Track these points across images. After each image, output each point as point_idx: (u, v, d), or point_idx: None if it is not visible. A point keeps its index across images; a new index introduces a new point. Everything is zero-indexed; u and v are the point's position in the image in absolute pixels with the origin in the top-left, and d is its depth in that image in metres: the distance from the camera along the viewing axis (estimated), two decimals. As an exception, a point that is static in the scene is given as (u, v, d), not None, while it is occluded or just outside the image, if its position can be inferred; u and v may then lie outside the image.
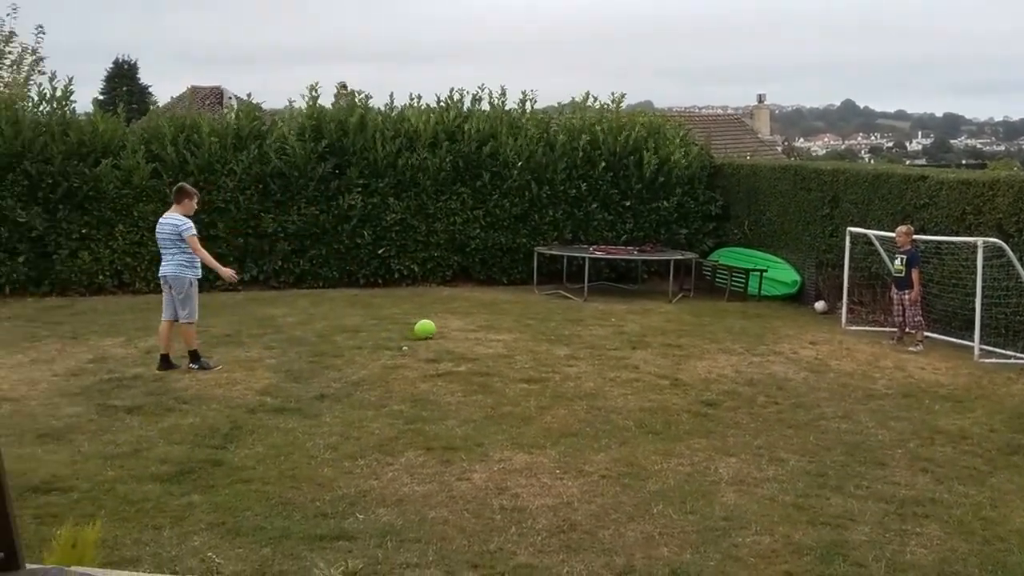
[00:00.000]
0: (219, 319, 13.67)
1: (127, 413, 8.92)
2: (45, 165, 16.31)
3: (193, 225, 10.62)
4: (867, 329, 14.28)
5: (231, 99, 28.13)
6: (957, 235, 13.28)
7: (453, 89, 18.91)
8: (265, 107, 18.89)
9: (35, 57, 20.40)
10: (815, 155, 65.47)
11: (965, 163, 57.02)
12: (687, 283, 17.79)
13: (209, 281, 16.81)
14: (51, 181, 16.35)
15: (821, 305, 16.03)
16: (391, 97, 18.85)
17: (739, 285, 17.24)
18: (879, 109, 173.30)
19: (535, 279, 17.77)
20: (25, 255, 16.33)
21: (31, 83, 19.86)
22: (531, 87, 20.18)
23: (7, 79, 20.09)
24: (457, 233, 18.04)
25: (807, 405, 9.75)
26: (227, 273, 10.98)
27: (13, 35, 20.05)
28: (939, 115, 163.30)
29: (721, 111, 52.57)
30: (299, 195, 17.32)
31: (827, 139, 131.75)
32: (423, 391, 9.84)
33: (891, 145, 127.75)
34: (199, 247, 10.57)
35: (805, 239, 16.84)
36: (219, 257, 16.68)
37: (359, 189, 17.48)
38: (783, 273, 17.09)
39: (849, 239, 14.63)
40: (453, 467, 7.60)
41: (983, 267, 12.19)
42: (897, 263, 13.23)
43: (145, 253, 16.62)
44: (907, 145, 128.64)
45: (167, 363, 10.60)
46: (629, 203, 18.76)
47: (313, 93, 18.15)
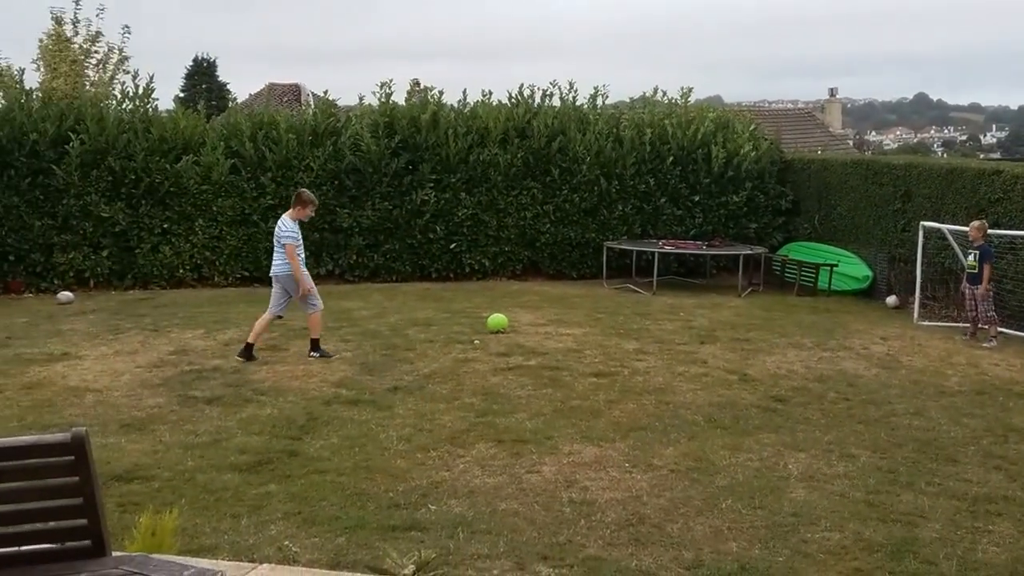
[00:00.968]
0: (296, 312, 13.60)
1: (207, 404, 9.16)
2: (128, 161, 16.73)
3: (297, 233, 10.84)
4: (939, 325, 14.10)
5: (308, 96, 28.49)
6: (1034, 230, 13.05)
7: (523, 85, 19.05)
8: (340, 104, 19.14)
9: (120, 56, 20.96)
10: (887, 149, 64.31)
11: (1042, 157, 55.48)
12: (756, 278, 17.69)
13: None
14: (134, 177, 16.78)
15: (893, 300, 15.85)
16: (464, 93, 19.03)
17: (809, 280, 17.10)
18: (952, 102, 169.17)
19: (604, 273, 17.79)
20: (109, 249, 16.80)
21: (116, 82, 20.39)
22: (603, 82, 20.09)
23: (93, 78, 20.67)
24: (527, 228, 18.15)
25: (878, 401, 9.68)
26: (304, 288, 10.96)
27: (100, 35, 20.63)
28: (1014, 108, 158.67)
29: (791, 105, 51.97)
30: (373, 190, 17.55)
31: (899, 133, 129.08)
32: (494, 384, 9.94)
33: (965, 139, 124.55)
34: (292, 256, 10.74)
35: (876, 234, 16.65)
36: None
37: (431, 184, 17.66)
38: (854, 268, 16.91)
39: (922, 234, 14.44)
40: (523, 460, 7.68)
41: (1060, 262, 11.96)
42: (970, 259, 13.04)
43: (224, 247, 17.10)
44: (981, 138, 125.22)
45: (248, 354, 10.87)
46: (698, 198, 18.70)
47: (386, 90, 18.39)
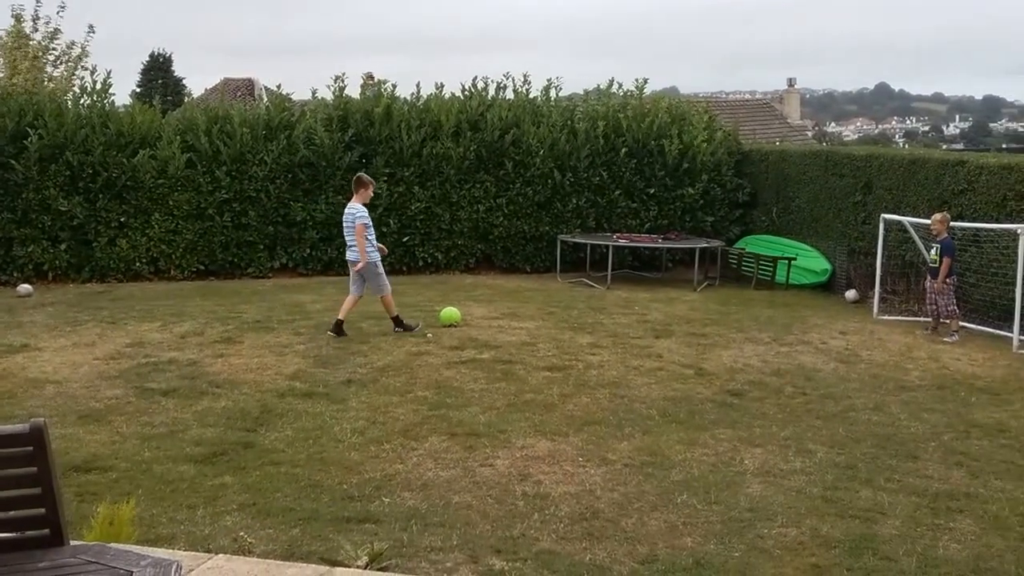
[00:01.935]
0: (251, 305, 13.99)
1: (163, 396, 9.15)
2: (86, 156, 16.72)
3: (367, 214, 11.74)
4: (900, 319, 14.01)
5: (262, 90, 28.34)
6: (997, 222, 12.95)
7: (477, 78, 18.91)
8: (295, 98, 19.08)
9: (79, 52, 20.95)
10: (847, 140, 64.77)
11: (1005, 147, 56.00)
12: (713, 271, 17.59)
13: (240, 269, 17.13)
14: (91, 171, 16.76)
15: (852, 294, 15.75)
16: (418, 87, 18.95)
17: (767, 273, 16.99)
18: (915, 92, 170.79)
19: (558, 267, 17.68)
20: (66, 243, 16.83)
21: (75, 78, 20.35)
22: (557, 75, 20.03)
23: (53, 73, 20.56)
24: (480, 221, 18.02)
25: (836, 396, 9.56)
26: (362, 263, 11.65)
27: (59, 32, 20.63)
28: (978, 98, 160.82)
29: (749, 96, 52.13)
30: (327, 184, 17.48)
31: (860, 123, 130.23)
32: (447, 378, 9.87)
33: (927, 129, 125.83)
34: (360, 234, 11.55)
35: (836, 226, 16.56)
36: (251, 245, 17.28)
37: (385, 178, 17.50)
38: (813, 261, 16.82)
39: (883, 226, 14.32)
40: (477, 453, 7.64)
41: (1024, 256, 11.86)
42: (933, 252, 12.94)
43: (180, 241, 17.10)
44: (944, 129, 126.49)
45: (339, 329, 11.65)
46: (653, 190, 18.58)
47: (340, 84, 18.29)
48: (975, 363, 11.20)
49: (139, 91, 33.94)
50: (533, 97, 18.96)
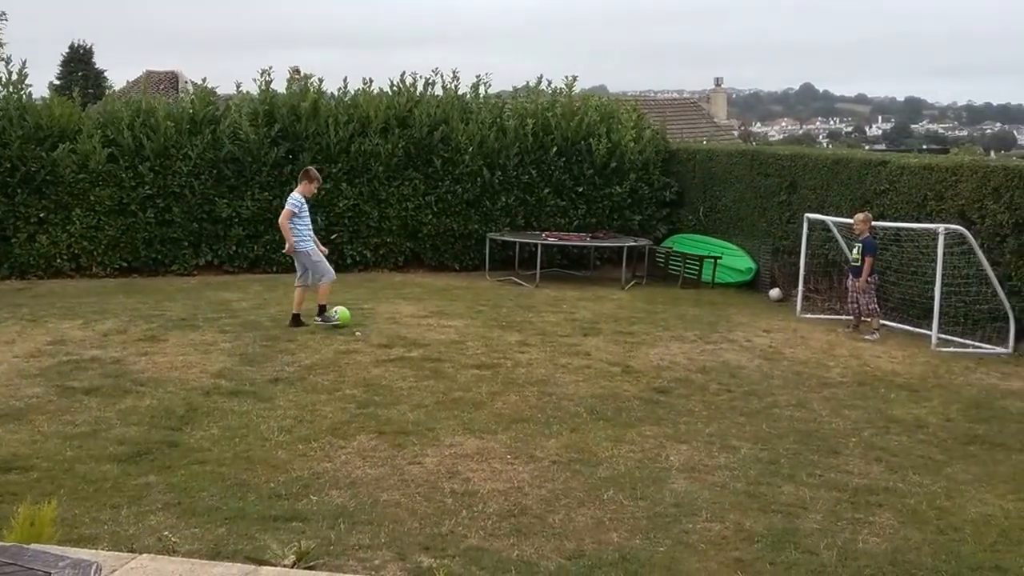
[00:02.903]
0: (175, 303, 13.73)
1: (85, 394, 8.94)
2: (3, 149, 16.22)
3: (302, 202, 11.84)
4: (822, 317, 14.28)
5: (186, 83, 27.85)
6: (918, 221, 13.26)
7: (405, 73, 18.78)
8: (221, 92, 18.69)
9: None
10: (772, 140, 65.79)
11: (926, 148, 57.31)
12: (640, 270, 17.73)
13: (164, 266, 16.83)
14: (9, 166, 16.24)
15: (776, 293, 16.01)
16: (345, 81, 18.68)
17: (693, 272, 17.18)
18: (838, 93, 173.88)
19: (487, 265, 17.66)
20: None
21: None
22: (488, 71, 20.00)
23: None
24: (409, 219, 17.92)
25: (760, 393, 9.70)
26: (289, 245, 11.92)
27: None
28: (900, 99, 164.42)
29: (677, 95, 52.66)
30: (253, 180, 17.21)
31: (785, 123, 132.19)
32: (375, 376, 9.81)
33: (850, 130, 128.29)
34: (284, 221, 11.77)
35: (761, 226, 16.81)
36: (175, 242, 16.97)
37: (312, 174, 17.28)
38: (738, 260, 17.06)
39: (806, 226, 14.56)
40: (405, 451, 7.61)
41: (943, 254, 12.16)
42: (855, 251, 13.20)
43: (102, 237, 16.70)
44: (867, 130, 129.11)
45: (296, 321, 11.90)
46: (581, 189, 18.67)
47: (266, 78, 17.98)
48: (895, 360, 11.45)
49: (58, 83, 33.18)
50: (462, 94, 18.89)
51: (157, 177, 16.76)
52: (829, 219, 14.38)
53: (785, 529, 6.27)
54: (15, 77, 17.09)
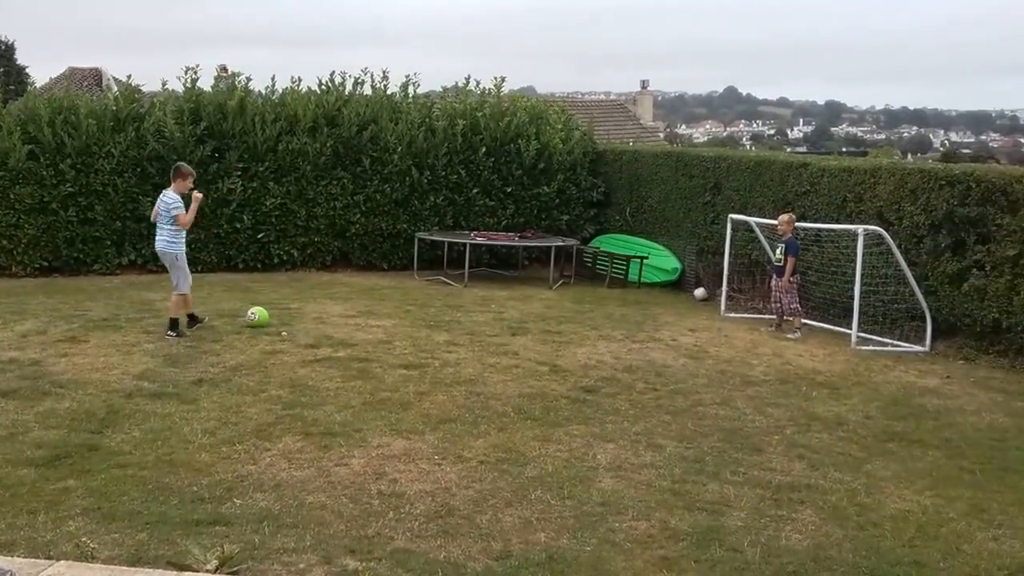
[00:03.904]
0: (97, 303, 13.41)
1: (2, 397, 8.71)
2: None
3: (182, 204, 11.44)
4: (746, 316, 14.50)
5: (110, 80, 27.28)
6: (838, 222, 13.55)
7: (335, 72, 18.64)
8: (146, 90, 18.31)
9: None
10: (697, 142, 66.64)
11: (846, 151, 58.72)
12: (568, 270, 17.82)
13: (86, 265, 16.45)
14: (-74, 162, 15.72)
15: (701, 292, 16.21)
16: (273, 80, 18.49)
17: (620, 272, 17.32)
18: (761, 96, 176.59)
19: (416, 265, 17.60)
20: None
21: None
22: (417, 71, 19.97)
23: None
24: (337, 218, 17.77)
25: (685, 392, 9.81)
26: (197, 199, 11.70)
27: None
28: (821, 103, 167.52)
29: (604, 97, 52.95)
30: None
31: (709, 126, 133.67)
32: (301, 376, 9.70)
33: (773, 132, 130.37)
34: (189, 217, 11.48)
35: (686, 226, 17.01)
36: (97, 241, 16.59)
37: (238, 173, 17.10)
38: (664, 260, 17.23)
39: (730, 226, 14.78)
40: (331, 453, 7.55)
41: (863, 255, 12.43)
42: (778, 252, 13.42)
43: (22, 236, 16.26)
44: (788, 132, 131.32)
45: (193, 320, 11.63)
46: (510, 189, 18.69)
47: (192, 75, 17.69)
48: (816, 359, 11.67)
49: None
50: (392, 93, 18.80)
51: (79, 175, 16.38)
52: (752, 220, 14.60)
53: (710, 527, 6.35)
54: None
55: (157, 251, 11.70)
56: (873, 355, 12.07)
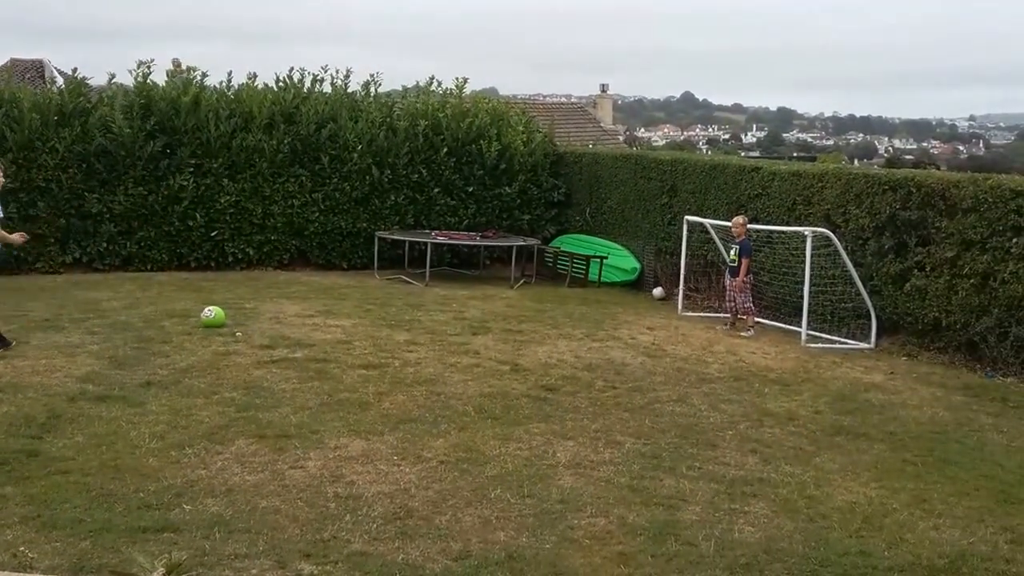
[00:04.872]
0: (38, 303, 13.05)
1: None
2: None
3: None
4: (702, 315, 14.66)
5: (53, 73, 26.78)
6: (788, 225, 13.79)
7: (292, 69, 18.50)
8: (94, 83, 18.02)
9: None
10: (655, 145, 67.04)
11: (796, 156, 59.45)
12: (529, 269, 17.89)
13: (28, 263, 16.15)
14: None
15: (659, 292, 16.37)
16: (229, 76, 18.23)
17: (580, 272, 17.43)
18: (717, 102, 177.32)
19: (376, 264, 17.55)
20: None
21: None
22: (378, 70, 19.92)
23: None
24: (295, 216, 17.66)
25: (643, 389, 9.91)
26: (17, 239, 10.72)
27: None
28: (773, 109, 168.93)
29: (565, 99, 53.02)
30: (126, 174, 16.62)
31: (667, 130, 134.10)
32: (256, 378, 9.57)
33: (727, 137, 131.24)
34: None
35: (644, 227, 17.16)
36: (40, 238, 16.05)
37: (191, 170, 16.90)
38: (623, 260, 17.36)
39: (686, 227, 14.96)
40: (286, 455, 7.44)
41: (811, 256, 12.68)
42: (732, 253, 13.59)
43: None
44: (742, 137, 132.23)
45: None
46: (472, 189, 18.73)
47: (144, 70, 17.38)
48: (768, 356, 11.86)
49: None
50: (352, 92, 18.75)
51: (20, 171, 15.91)
52: (707, 221, 14.79)
53: (666, 521, 6.43)
54: None
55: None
56: (822, 352, 12.31)
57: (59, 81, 18.39)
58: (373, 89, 19.10)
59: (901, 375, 11.24)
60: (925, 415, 9.52)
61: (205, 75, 17.84)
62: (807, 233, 12.80)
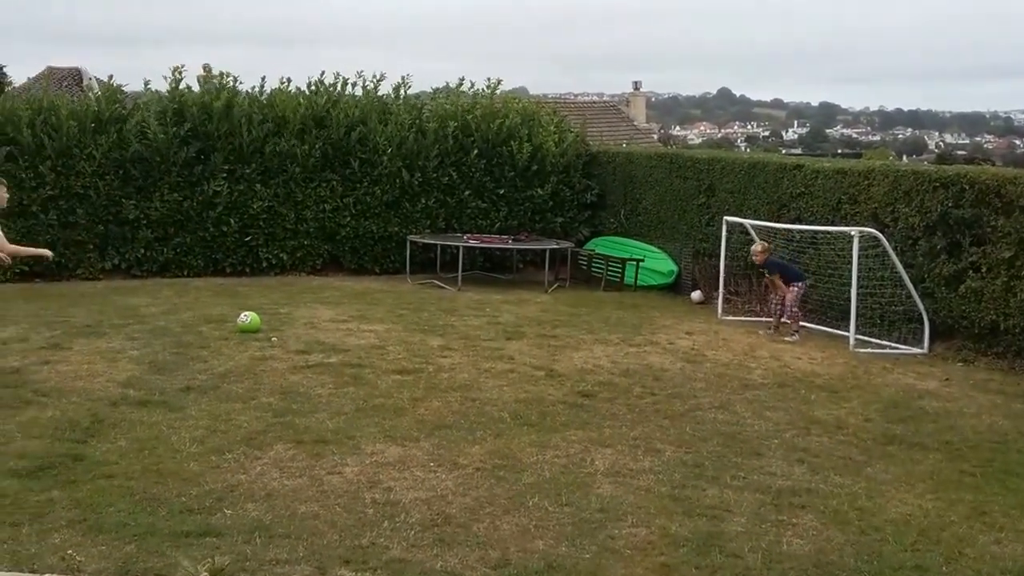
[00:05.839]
0: (79, 309, 13.23)
1: None
2: None
3: None
4: (743, 319, 14.41)
5: (91, 80, 27.01)
6: (833, 224, 13.48)
7: (324, 72, 18.49)
8: (129, 90, 18.15)
9: None
10: (691, 144, 66.67)
11: (840, 152, 58.72)
12: (563, 273, 17.70)
13: (68, 270, 16.26)
14: (-99, 164, 15.46)
15: (697, 295, 16.12)
16: (262, 80, 18.26)
17: (615, 275, 17.22)
18: (755, 98, 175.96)
19: (408, 268, 17.43)
20: None
21: None
22: (408, 72, 19.86)
23: None
24: (327, 221, 17.63)
25: (683, 396, 9.72)
26: (43, 253, 10.69)
27: None
28: (815, 104, 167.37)
29: (597, 98, 52.88)
30: (162, 181, 16.70)
31: (703, 127, 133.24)
32: (293, 383, 9.57)
33: (767, 134, 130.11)
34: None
35: (681, 228, 16.92)
36: (79, 245, 16.31)
37: (224, 175, 16.94)
38: (660, 263, 17.14)
39: (725, 228, 14.70)
40: (324, 460, 7.43)
41: (859, 257, 12.36)
42: (766, 274, 13.40)
43: None
44: (783, 134, 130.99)
45: None
46: (503, 191, 18.59)
47: (177, 75, 17.50)
48: (814, 362, 11.58)
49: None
50: (382, 95, 18.68)
51: (59, 178, 16.13)
52: (747, 222, 14.53)
53: (710, 533, 6.26)
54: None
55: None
56: (871, 357, 11.97)
57: (96, 88, 18.48)
58: (403, 91, 19.04)
59: (957, 381, 10.91)
60: (983, 424, 9.21)
61: (238, 80, 17.91)
62: (854, 233, 12.49)
